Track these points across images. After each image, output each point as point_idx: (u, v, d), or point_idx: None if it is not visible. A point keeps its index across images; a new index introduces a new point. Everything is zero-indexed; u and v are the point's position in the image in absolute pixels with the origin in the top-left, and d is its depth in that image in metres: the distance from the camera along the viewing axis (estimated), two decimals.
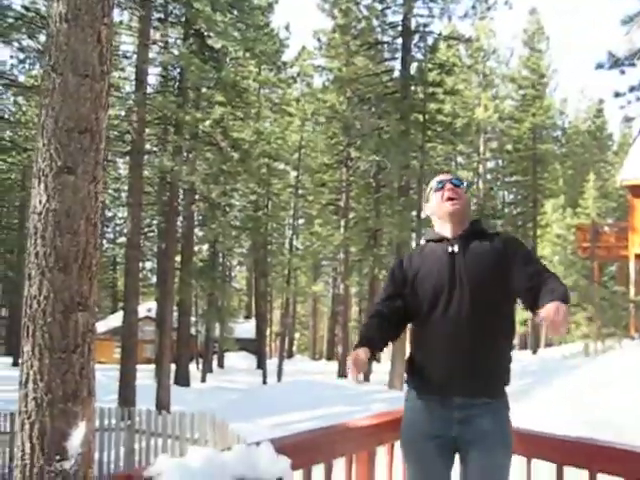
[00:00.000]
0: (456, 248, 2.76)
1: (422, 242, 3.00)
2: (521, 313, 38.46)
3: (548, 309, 2.37)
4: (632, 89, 15.11)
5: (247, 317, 43.17)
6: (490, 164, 44.92)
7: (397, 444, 3.28)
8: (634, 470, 2.94)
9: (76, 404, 4.06)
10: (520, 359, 26.40)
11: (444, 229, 2.85)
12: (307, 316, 56.98)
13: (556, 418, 5.81)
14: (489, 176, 44.15)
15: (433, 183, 2.95)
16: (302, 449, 2.94)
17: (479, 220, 2.92)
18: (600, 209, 40.73)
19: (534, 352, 31.12)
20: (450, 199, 2.83)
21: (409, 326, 2.89)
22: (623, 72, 14.85)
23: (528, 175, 40.37)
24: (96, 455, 8.06)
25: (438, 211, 2.87)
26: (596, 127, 56.13)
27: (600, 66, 14.91)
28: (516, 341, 47.97)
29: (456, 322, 2.65)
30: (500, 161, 45.27)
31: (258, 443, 2.73)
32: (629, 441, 4.49)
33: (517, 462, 3.37)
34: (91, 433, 4.22)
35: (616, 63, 14.60)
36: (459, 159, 44.24)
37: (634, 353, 8.77)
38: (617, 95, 15.36)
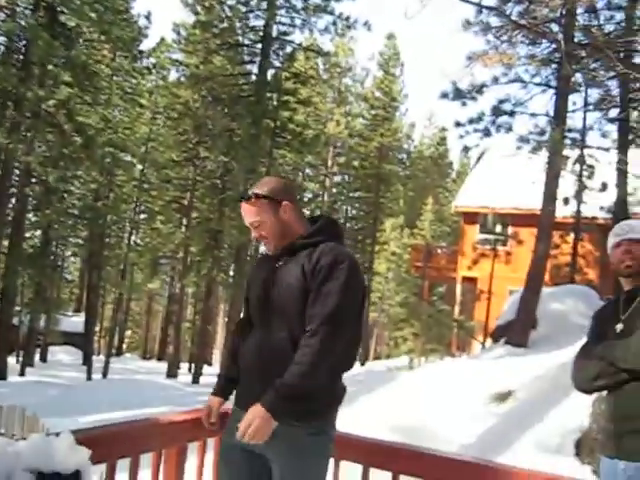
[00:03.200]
0: (281, 262, 2.65)
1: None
2: None
3: (245, 420, 2.39)
4: (471, 121, 15.99)
5: (77, 311, 41.28)
6: (337, 178, 46.06)
7: (210, 441, 3.22)
8: (432, 471, 3.08)
9: None
10: None
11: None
12: (141, 314, 55.46)
13: (375, 423, 6.00)
14: (335, 190, 45.23)
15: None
16: (106, 441, 2.80)
17: (309, 235, 2.67)
18: (435, 232, 42.96)
19: (362, 364, 32.08)
20: (258, 240, 2.75)
21: None
22: (465, 104, 15.70)
23: (372, 192, 41.75)
24: None
25: None
26: (438, 154, 59.08)
27: (444, 96, 15.66)
28: None
29: (257, 342, 2.59)
30: (346, 176, 46.52)
31: (58, 434, 2.57)
32: (442, 444, 4.71)
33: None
34: None
35: (459, 95, 15.41)
36: (307, 170, 44.98)
37: (450, 367, 9.27)
38: (458, 125, 16.20)
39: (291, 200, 2.72)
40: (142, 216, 36.35)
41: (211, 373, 27.76)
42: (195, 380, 26.08)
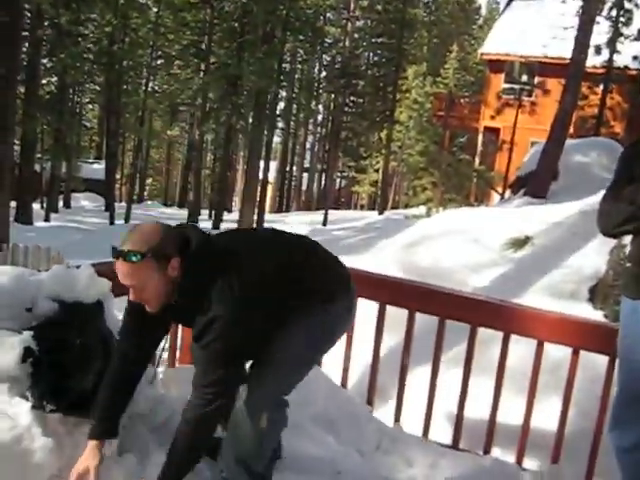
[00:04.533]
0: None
1: None
2: (371, 175, 39.67)
3: None
4: None
5: (98, 158, 41.45)
6: (359, 23, 44.30)
7: None
8: (448, 308, 3.15)
9: None
10: (367, 217, 27.58)
11: None
12: (161, 162, 55.64)
13: (391, 266, 6.10)
14: (356, 35, 43.66)
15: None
16: None
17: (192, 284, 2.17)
18: (459, 81, 41.81)
19: (380, 213, 32.37)
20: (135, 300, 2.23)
21: None
22: None
23: (394, 38, 40.25)
24: None
25: None
26: None
27: None
28: (365, 202, 49.68)
29: None
30: (369, 21, 44.72)
31: (78, 266, 2.62)
32: (456, 286, 4.79)
33: None
34: None
35: None
36: (328, 14, 43.25)
37: (467, 214, 9.30)
38: None
39: (178, 250, 2.18)
40: (159, 62, 35.49)
41: (231, 219, 28.28)
42: (215, 226, 26.55)
